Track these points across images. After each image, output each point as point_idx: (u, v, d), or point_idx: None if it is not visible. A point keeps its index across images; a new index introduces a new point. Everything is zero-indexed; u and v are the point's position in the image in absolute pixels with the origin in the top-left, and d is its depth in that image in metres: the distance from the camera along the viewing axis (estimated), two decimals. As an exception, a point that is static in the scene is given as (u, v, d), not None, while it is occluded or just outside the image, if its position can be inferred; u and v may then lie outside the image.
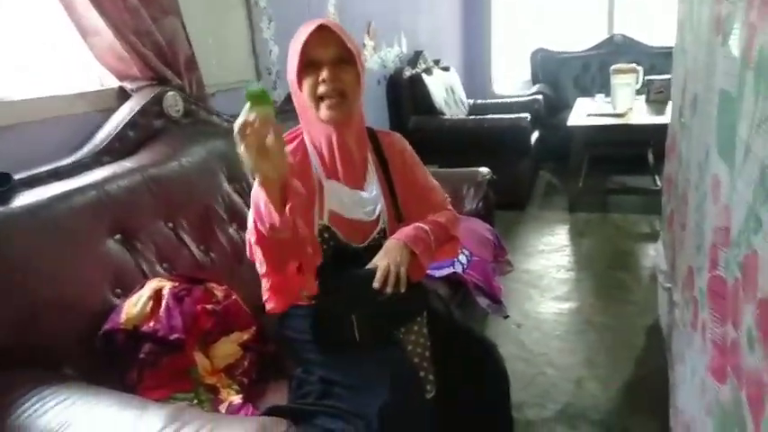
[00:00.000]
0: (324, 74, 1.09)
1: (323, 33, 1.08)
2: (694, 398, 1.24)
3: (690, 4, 1.51)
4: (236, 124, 0.90)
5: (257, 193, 0.97)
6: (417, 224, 1.25)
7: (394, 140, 1.34)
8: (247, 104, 0.90)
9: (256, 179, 0.95)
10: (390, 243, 1.19)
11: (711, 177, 1.10)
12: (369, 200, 1.24)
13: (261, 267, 1.10)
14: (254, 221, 1.01)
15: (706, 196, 1.23)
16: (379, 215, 1.25)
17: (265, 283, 1.13)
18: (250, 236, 1.09)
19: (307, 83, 1.12)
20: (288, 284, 1.11)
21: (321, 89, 1.11)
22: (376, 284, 1.11)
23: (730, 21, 0.99)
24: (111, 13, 1.46)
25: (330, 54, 1.10)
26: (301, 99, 1.15)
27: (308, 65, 1.10)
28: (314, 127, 1.18)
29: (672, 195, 1.70)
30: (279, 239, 0.99)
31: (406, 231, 1.22)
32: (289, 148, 1.19)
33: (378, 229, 1.26)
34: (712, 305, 1.09)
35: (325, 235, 1.20)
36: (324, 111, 1.12)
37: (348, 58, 1.12)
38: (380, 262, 1.14)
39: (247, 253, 1.20)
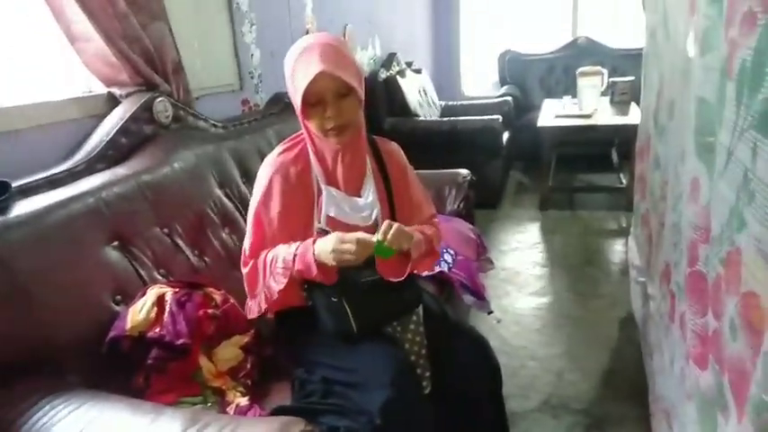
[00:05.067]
0: (328, 112, 1.14)
1: (323, 75, 1.10)
2: (674, 385, 1.32)
3: (663, 15, 1.60)
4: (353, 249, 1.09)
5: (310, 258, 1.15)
6: (417, 228, 1.29)
7: (393, 150, 1.39)
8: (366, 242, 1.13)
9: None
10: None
11: (690, 179, 1.17)
12: (365, 205, 1.29)
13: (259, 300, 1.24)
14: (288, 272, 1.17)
15: (682, 197, 1.31)
16: (375, 220, 1.29)
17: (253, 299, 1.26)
18: (274, 284, 1.21)
19: (313, 121, 1.17)
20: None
21: (327, 125, 1.16)
22: (380, 236, 1.14)
23: (708, 35, 1.07)
24: (101, 20, 1.46)
25: (331, 91, 1.14)
26: (306, 122, 1.20)
27: (311, 101, 1.14)
28: (321, 142, 1.22)
29: (647, 195, 1.79)
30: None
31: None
32: (290, 156, 1.23)
33: (374, 233, 1.29)
34: (692, 298, 1.17)
35: None
36: (332, 139, 1.19)
37: (348, 91, 1.16)
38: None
39: (245, 285, 1.28)
